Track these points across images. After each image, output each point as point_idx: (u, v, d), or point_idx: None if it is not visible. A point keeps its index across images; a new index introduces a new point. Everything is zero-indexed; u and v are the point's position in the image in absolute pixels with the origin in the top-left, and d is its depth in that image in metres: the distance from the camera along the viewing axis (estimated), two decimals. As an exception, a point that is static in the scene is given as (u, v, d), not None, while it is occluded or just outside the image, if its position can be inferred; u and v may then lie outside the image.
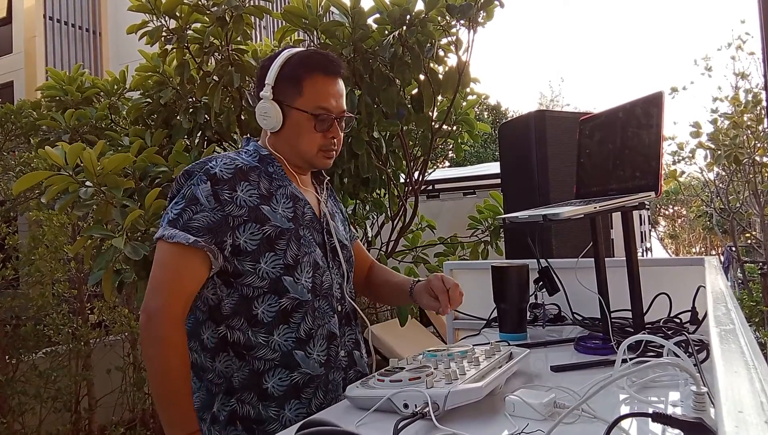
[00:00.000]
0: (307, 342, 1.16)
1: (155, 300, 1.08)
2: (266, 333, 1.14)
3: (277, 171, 1.23)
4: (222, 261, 1.12)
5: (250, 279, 1.14)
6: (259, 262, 1.13)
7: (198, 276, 1.11)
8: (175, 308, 1.09)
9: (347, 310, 1.28)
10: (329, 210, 1.32)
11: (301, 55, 1.23)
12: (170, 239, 1.09)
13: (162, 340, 1.07)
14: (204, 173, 1.14)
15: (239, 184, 1.15)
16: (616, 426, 0.70)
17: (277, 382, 1.15)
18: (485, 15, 2.42)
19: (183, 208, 1.12)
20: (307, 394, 1.16)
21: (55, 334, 3.38)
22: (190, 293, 1.11)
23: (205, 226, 1.10)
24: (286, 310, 1.15)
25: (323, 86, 1.22)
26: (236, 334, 1.15)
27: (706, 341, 1.15)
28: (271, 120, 1.20)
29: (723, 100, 5.62)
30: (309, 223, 1.22)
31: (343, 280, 1.29)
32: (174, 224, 1.11)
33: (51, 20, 8.39)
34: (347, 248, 1.33)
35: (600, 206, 1.14)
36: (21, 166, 3.52)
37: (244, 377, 1.15)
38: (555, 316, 1.60)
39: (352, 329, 1.29)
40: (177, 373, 1.08)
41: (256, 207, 1.14)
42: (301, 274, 1.17)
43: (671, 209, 14.67)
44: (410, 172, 2.79)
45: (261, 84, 1.23)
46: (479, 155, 13.15)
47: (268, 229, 1.14)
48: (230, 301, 1.15)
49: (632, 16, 44.70)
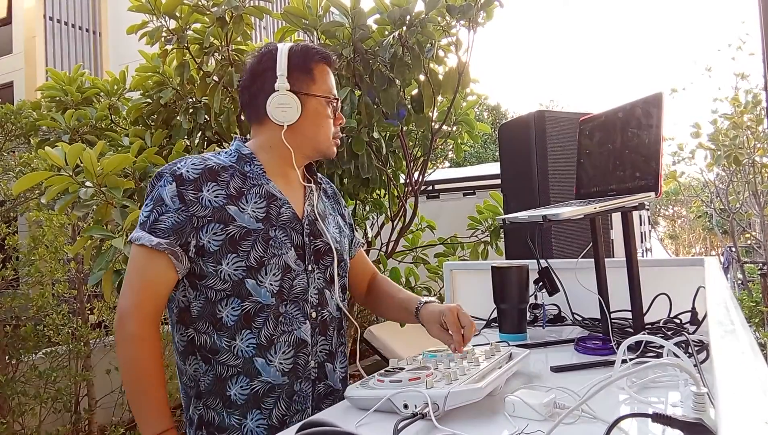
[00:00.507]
0: (268, 349, 1.12)
1: (125, 300, 1.09)
2: (229, 337, 1.11)
3: (254, 169, 1.19)
4: (187, 262, 1.11)
5: (213, 281, 1.11)
6: (221, 263, 1.10)
7: (165, 277, 1.09)
8: (145, 306, 1.08)
9: (326, 317, 1.21)
10: (320, 211, 1.27)
11: (303, 46, 1.22)
12: (137, 241, 1.09)
13: (132, 338, 1.07)
14: (171, 174, 1.12)
15: (205, 184, 1.12)
16: (616, 426, 0.70)
17: (239, 390, 1.12)
18: (485, 15, 2.41)
19: (151, 209, 1.11)
20: (267, 404, 1.12)
21: (55, 335, 3.38)
22: (160, 293, 1.10)
23: (169, 226, 1.09)
24: (249, 314, 1.11)
25: (328, 74, 1.23)
26: (203, 338, 1.13)
27: (706, 342, 1.15)
28: (291, 111, 1.17)
29: (723, 100, 5.62)
30: (285, 224, 1.17)
31: (328, 285, 1.23)
32: (143, 226, 1.10)
33: (51, 20, 8.40)
34: (339, 253, 1.26)
35: (600, 207, 1.14)
36: (21, 166, 3.52)
37: (210, 382, 1.13)
38: (555, 316, 1.60)
39: (328, 339, 1.21)
40: (148, 370, 1.07)
41: (222, 207, 1.12)
42: (266, 276, 1.12)
43: (671, 210, 14.67)
44: (410, 172, 2.79)
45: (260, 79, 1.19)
46: (479, 155, 13.16)
47: (231, 230, 1.11)
48: (197, 304, 1.13)
49: (632, 17, 44.67)
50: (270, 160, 1.21)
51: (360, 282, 1.43)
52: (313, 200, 1.26)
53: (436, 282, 2.77)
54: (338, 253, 1.26)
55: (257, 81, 1.20)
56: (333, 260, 1.25)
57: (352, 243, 1.41)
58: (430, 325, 1.21)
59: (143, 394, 1.07)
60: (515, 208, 2.28)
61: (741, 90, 5.61)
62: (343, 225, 1.36)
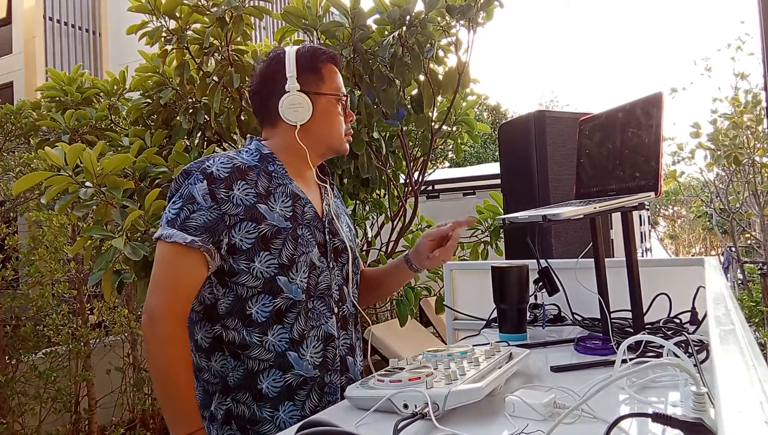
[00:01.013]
0: (300, 343, 1.16)
1: (156, 299, 1.09)
2: (260, 333, 1.14)
3: (277, 169, 1.22)
4: (219, 260, 1.12)
5: (245, 278, 1.13)
6: (254, 261, 1.13)
7: (197, 275, 1.11)
8: (176, 307, 1.09)
9: (346, 313, 1.27)
10: (335, 210, 1.31)
11: (310, 47, 1.26)
12: (168, 239, 1.09)
13: (164, 339, 1.07)
14: (201, 172, 1.14)
15: (236, 182, 1.14)
16: (616, 426, 0.70)
17: (271, 383, 1.14)
18: (485, 15, 2.42)
19: (180, 207, 1.12)
20: (300, 396, 1.16)
21: (55, 335, 3.38)
22: (190, 292, 1.12)
23: (202, 224, 1.10)
24: (281, 311, 1.15)
25: (336, 73, 1.28)
26: (231, 334, 1.15)
27: (706, 341, 1.15)
28: (302, 110, 1.20)
29: (723, 100, 5.62)
30: (309, 222, 1.21)
31: (345, 282, 1.27)
32: (172, 224, 1.11)
33: (51, 21, 8.40)
34: (353, 250, 1.31)
35: (600, 207, 1.14)
36: (21, 166, 3.52)
37: (239, 377, 1.15)
38: (555, 316, 1.60)
39: (348, 333, 1.27)
40: (179, 372, 1.08)
41: (253, 206, 1.14)
42: (296, 273, 1.16)
43: (671, 210, 14.67)
44: (410, 172, 2.79)
45: (270, 82, 1.22)
46: (479, 155, 13.15)
47: (263, 228, 1.13)
48: (226, 301, 1.15)
49: (632, 17, 44.72)
50: (287, 160, 1.24)
51: None
52: (330, 199, 1.30)
53: (436, 282, 2.77)
54: (352, 251, 1.30)
55: (268, 84, 1.23)
56: (356, 257, 1.32)
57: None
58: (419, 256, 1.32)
59: (174, 396, 1.08)
60: (515, 208, 2.28)
61: (741, 90, 5.61)
62: (350, 222, 1.40)
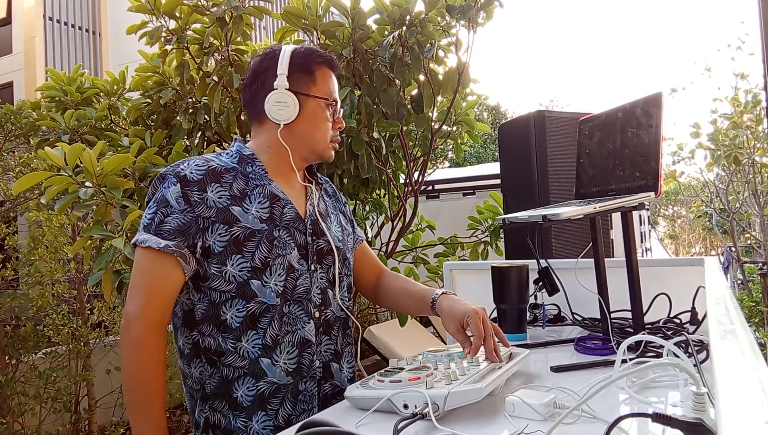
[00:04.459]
0: (274, 349, 1.12)
1: (132, 304, 1.08)
2: (235, 339, 1.11)
3: (256, 170, 1.19)
4: (195, 264, 1.10)
5: (217, 283, 1.11)
6: (226, 264, 1.10)
7: (173, 280, 1.09)
8: (152, 312, 1.07)
9: (329, 317, 1.21)
10: (322, 210, 1.27)
11: (307, 48, 1.24)
12: (143, 244, 1.08)
13: (136, 345, 1.06)
14: (175, 175, 1.12)
15: (209, 185, 1.12)
16: (616, 426, 0.70)
17: (245, 392, 1.12)
18: (485, 15, 2.41)
19: (155, 211, 1.11)
20: (273, 405, 1.12)
21: (55, 335, 3.38)
22: (168, 297, 1.10)
23: (175, 228, 1.08)
24: (254, 315, 1.11)
25: (330, 78, 1.24)
26: (207, 340, 1.13)
27: (706, 341, 1.15)
28: (288, 109, 1.18)
29: (723, 100, 5.62)
30: (288, 224, 1.17)
31: (329, 285, 1.22)
32: (147, 228, 1.10)
33: (51, 20, 8.40)
34: (342, 252, 1.26)
35: (600, 207, 1.14)
36: (21, 166, 3.52)
37: (215, 384, 1.13)
38: (555, 316, 1.60)
39: (332, 339, 1.21)
40: (148, 378, 1.06)
41: (226, 208, 1.11)
42: (270, 277, 1.12)
43: (671, 210, 14.66)
44: (410, 172, 2.79)
45: (261, 77, 1.20)
46: (479, 155, 13.16)
47: (236, 231, 1.11)
48: (201, 307, 1.13)
49: (633, 17, 44.70)
50: (270, 160, 1.22)
51: (364, 277, 1.41)
52: (314, 200, 1.26)
53: (436, 282, 2.77)
54: (341, 252, 1.26)
55: (258, 79, 1.21)
56: (346, 259, 1.27)
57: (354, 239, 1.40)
58: (448, 320, 1.16)
59: (142, 404, 1.07)
60: (515, 208, 2.28)
61: (741, 90, 5.60)
62: (345, 223, 1.36)
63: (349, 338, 1.28)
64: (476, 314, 1.10)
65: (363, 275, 1.41)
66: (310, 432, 0.74)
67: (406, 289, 1.34)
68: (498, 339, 1.10)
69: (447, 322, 1.17)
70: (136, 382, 1.07)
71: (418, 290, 1.30)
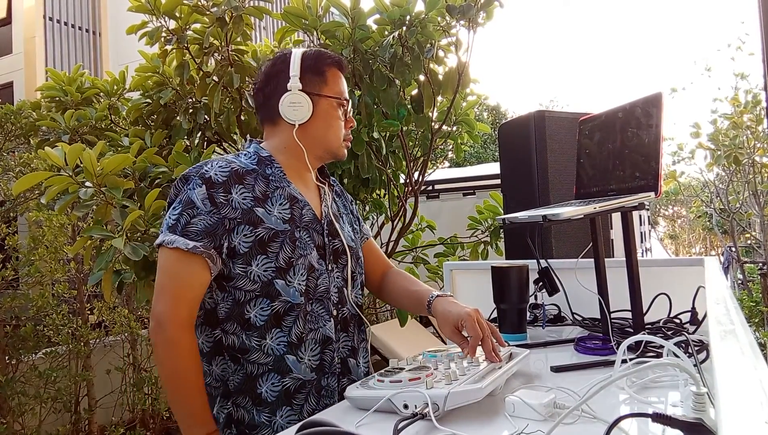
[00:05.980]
0: (299, 346, 1.15)
1: (161, 305, 1.09)
2: (259, 337, 1.14)
3: (275, 172, 1.22)
4: (221, 265, 1.13)
5: (242, 282, 1.13)
6: (251, 264, 1.13)
7: (200, 280, 1.11)
8: (181, 312, 1.10)
9: (346, 315, 1.25)
10: (335, 211, 1.30)
11: (316, 50, 1.27)
12: (170, 245, 1.10)
13: (171, 343, 1.08)
14: (199, 177, 1.14)
15: (234, 186, 1.15)
16: (616, 426, 0.70)
17: (270, 387, 1.14)
18: (485, 15, 2.42)
19: (180, 212, 1.12)
20: (298, 400, 1.15)
21: (55, 335, 3.38)
22: (195, 297, 1.12)
23: (202, 229, 1.10)
24: (279, 314, 1.14)
25: (340, 78, 1.28)
26: (231, 338, 1.15)
27: (706, 341, 1.15)
28: (302, 110, 1.20)
29: (723, 100, 5.62)
30: (308, 225, 1.20)
31: (344, 284, 1.26)
32: (173, 229, 1.11)
33: (51, 21, 8.40)
34: (354, 251, 1.30)
35: (600, 207, 1.14)
36: (21, 166, 3.52)
37: (239, 381, 1.15)
38: (555, 316, 1.60)
39: (349, 336, 1.26)
40: (189, 375, 1.09)
41: (250, 209, 1.14)
42: (294, 276, 1.15)
43: (671, 210, 14.67)
44: (410, 172, 2.79)
45: (274, 80, 1.23)
46: (479, 155, 13.15)
47: (260, 232, 1.13)
48: (225, 305, 1.15)
49: (632, 17, 44.72)
50: (286, 161, 1.25)
51: (371, 273, 1.43)
52: (328, 201, 1.30)
53: (436, 282, 2.77)
54: (354, 251, 1.29)
55: (271, 82, 1.24)
56: (359, 258, 1.31)
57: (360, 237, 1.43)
58: (443, 323, 1.17)
59: (185, 400, 1.09)
60: (515, 208, 2.28)
61: (741, 90, 5.60)
62: (353, 221, 1.39)
63: (363, 335, 1.32)
64: (469, 316, 1.10)
65: (370, 271, 1.43)
66: (310, 432, 0.74)
67: (406, 288, 1.36)
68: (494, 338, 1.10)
69: (442, 326, 1.18)
70: (177, 382, 1.09)
71: (417, 291, 1.32)
